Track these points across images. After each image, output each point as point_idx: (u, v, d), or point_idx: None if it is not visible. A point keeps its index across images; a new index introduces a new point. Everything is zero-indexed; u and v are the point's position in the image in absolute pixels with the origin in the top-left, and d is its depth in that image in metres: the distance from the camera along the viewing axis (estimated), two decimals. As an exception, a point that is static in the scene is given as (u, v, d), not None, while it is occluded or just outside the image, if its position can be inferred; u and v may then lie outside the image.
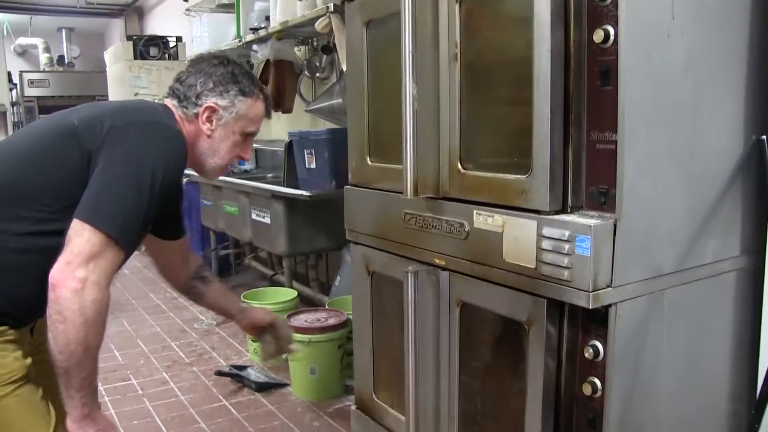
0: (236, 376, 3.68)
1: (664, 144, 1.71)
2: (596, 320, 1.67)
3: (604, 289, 1.61)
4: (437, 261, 2.05)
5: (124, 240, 1.46)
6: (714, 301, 1.97)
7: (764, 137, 1.97)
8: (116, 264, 1.45)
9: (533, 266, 1.72)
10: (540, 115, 1.66)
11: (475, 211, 1.88)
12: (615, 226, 1.61)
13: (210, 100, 1.70)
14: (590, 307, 1.61)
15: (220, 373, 3.75)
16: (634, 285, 1.69)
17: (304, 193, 3.73)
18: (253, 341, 3.75)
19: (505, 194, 1.80)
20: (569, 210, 1.70)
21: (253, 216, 4.33)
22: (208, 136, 1.74)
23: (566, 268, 1.63)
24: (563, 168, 1.70)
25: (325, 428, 3.24)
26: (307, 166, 3.93)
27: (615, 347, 1.64)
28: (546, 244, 1.68)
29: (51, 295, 1.38)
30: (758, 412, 1.84)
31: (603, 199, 1.65)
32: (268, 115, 1.84)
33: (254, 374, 3.65)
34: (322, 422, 3.29)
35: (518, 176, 1.76)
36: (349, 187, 2.46)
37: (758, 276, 2.07)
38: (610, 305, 1.64)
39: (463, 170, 1.93)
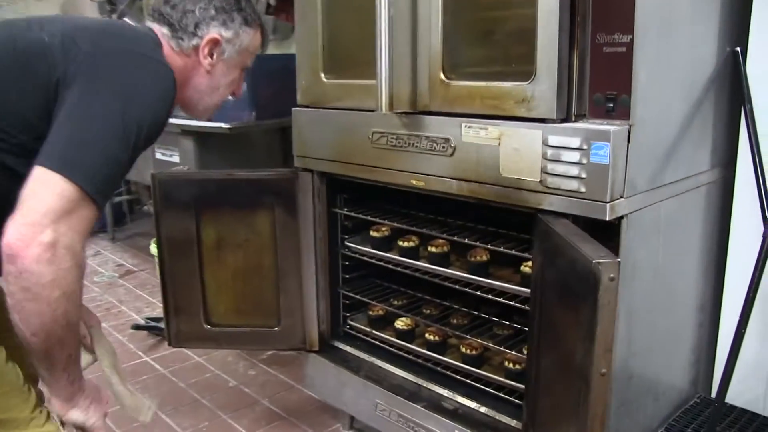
0: (155, 328, 3.39)
1: (669, 50, 1.62)
2: (602, 234, 1.57)
3: (617, 200, 1.51)
4: (414, 182, 1.88)
5: (102, 198, 1.15)
6: (694, 214, 1.94)
7: (738, 48, 1.93)
8: (90, 225, 1.15)
9: (537, 179, 1.59)
10: (547, 14, 1.52)
11: (463, 125, 1.73)
12: (629, 133, 1.50)
13: (212, 31, 1.43)
14: (607, 219, 1.51)
15: (137, 327, 3.45)
16: (641, 196, 1.60)
17: (223, 125, 3.41)
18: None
19: (501, 104, 1.65)
20: (573, 119, 1.58)
21: (158, 155, 3.96)
22: (208, 72, 1.47)
23: (579, 178, 1.52)
24: (568, 73, 1.56)
25: (263, 376, 3.04)
26: (221, 97, 3.60)
27: (624, 261, 1.55)
28: (553, 154, 1.56)
29: (10, 267, 1.07)
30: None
31: (611, 105, 1.53)
32: (264, 46, 1.59)
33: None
34: (258, 370, 3.10)
35: (518, 83, 1.61)
36: (298, 108, 2.23)
37: (728, 189, 2.06)
38: (621, 217, 1.54)
39: (447, 80, 1.76)
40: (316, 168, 2.23)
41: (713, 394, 2.17)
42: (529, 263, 1.83)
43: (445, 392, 2.06)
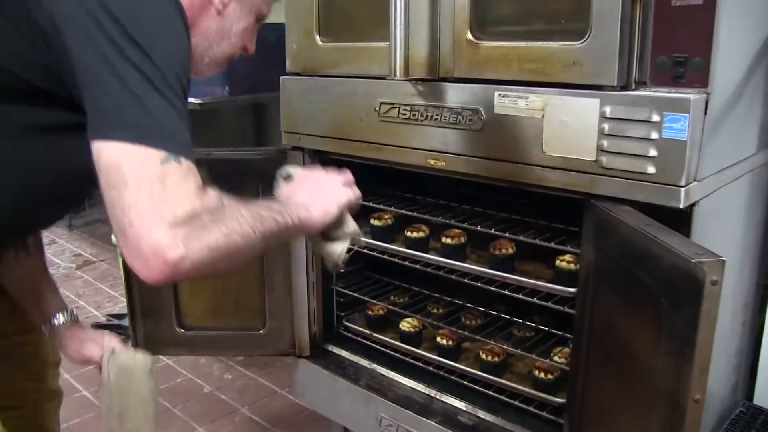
0: (118, 327, 3.07)
1: (746, 5, 1.37)
2: (668, 225, 1.31)
3: (692, 183, 1.25)
4: (432, 162, 1.60)
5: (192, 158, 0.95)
6: (743, 202, 1.69)
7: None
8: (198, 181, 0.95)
9: (592, 158, 1.32)
10: (608, -45, 1.24)
11: (497, 93, 1.44)
12: (706, 103, 1.24)
13: None
14: (681, 206, 1.24)
15: (98, 326, 3.10)
16: (712, 178, 1.35)
17: (193, 101, 3.09)
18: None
19: (546, 68, 1.37)
20: (633, 86, 1.31)
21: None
22: (218, 13, 1.20)
23: (647, 158, 1.25)
24: (629, 30, 1.29)
25: (242, 380, 2.75)
26: (191, 71, 3.27)
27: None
28: (614, 129, 1.28)
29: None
30: None
31: (680, 70, 1.26)
32: None
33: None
34: (236, 373, 2.80)
35: (567, 43, 1.33)
36: (288, 77, 1.92)
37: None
38: (693, 204, 1.28)
39: (475, 40, 1.47)
40: (308, 146, 1.93)
41: (755, 401, 1.94)
42: (567, 257, 1.57)
43: (462, 405, 1.79)
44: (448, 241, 1.80)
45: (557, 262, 1.58)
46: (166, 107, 0.91)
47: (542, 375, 1.68)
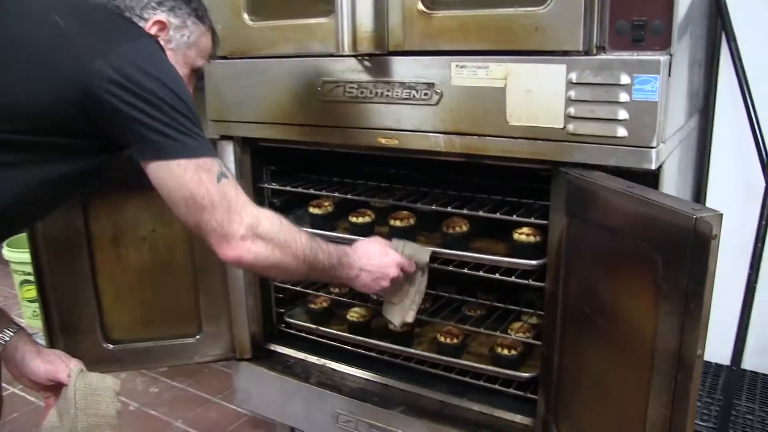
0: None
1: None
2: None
3: (660, 144, 1.25)
4: (384, 141, 1.53)
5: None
6: (687, 163, 1.74)
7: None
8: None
9: (560, 125, 1.30)
10: None
11: (454, 64, 1.39)
12: (670, 65, 1.24)
13: (159, 15, 1.27)
14: (654, 167, 1.24)
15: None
16: (671, 140, 1.36)
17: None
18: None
19: (506, 36, 1.34)
20: (595, 51, 1.29)
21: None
22: None
23: (619, 121, 1.24)
24: (590, -7, 1.28)
25: (169, 392, 2.58)
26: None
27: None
28: (582, 94, 1.27)
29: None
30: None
31: (640, 33, 1.26)
32: (214, 53, 1.44)
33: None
34: (162, 385, 2.63)
35: (529, 9, 1.30)
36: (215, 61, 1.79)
37: (703, 138, 1.90)
38: (660, 166, 1.28)
39: (427, 11, 1.42)
40: (239, 134, 1.81)
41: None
42: (525, 230, 1.54)
43: (423, 391, 1.74)
44: (397, 223, 1.74)
45: (516, 236, 1.55)
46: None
47: (505, 351, 1.65)
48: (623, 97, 1.22)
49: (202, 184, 1.12)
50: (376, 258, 1.46)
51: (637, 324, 1.13)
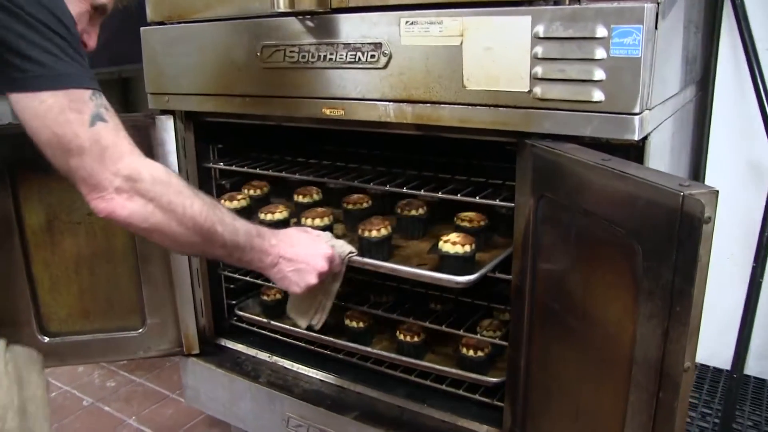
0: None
1: None
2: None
3: (645, 112, 1.05)
4: (328, 112, 1.33)
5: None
6: (680, 139, 1.53)
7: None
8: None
9: (525, 89, 1.09)
10: None
11: (403, 20, 1.19)
12: (657, 15, 1.03)
13: None
14: (636, 139, 1.04)
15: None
16: (659, 109, 1.15)
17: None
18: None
19: (462, -17, 1.13)
20: (567, 1, 1.08)
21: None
22: None
23: (594, 82, 1.03)
24: (557, -70, 1.07)
25: (127, 387, 2.40)
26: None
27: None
28: (550, 51, 1.06)
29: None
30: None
31: (619, -23, 1.05)
32: None
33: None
34: (120, 380, 2.45)
35: (487, -52, 1.09)
36: (150, 27, 1.59)
37: (703, 110, 1.69)
38: (645, 137, 1.08)
39: (373, -42, 1.21)
40: (179, 107, 1.62)
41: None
42: (453, 237, 1.32)
43: (379, 395, 1.55)
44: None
45: (441, 245, 1.32)
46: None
47: (471, 353, 1.46)
48: (599, 53, 1.02)
49: (69, 125, 0.94)
50: (303, 246, 1.23)
51: (613, 327, 0.94)
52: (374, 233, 1.38)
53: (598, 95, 1.03)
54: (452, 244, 1.29)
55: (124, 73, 2.97)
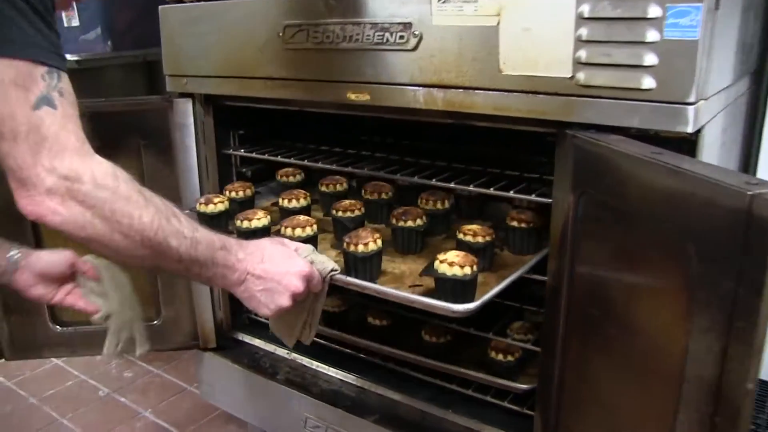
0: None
1: None
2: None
3: (701, 102, 0.94)
4: (354, 97, 1.24)
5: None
6: (733, 134, 1.42)
7: None
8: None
9: (568, 74, 1.00)
10: None
11: (435, -2, 1.10)
12: (717, -5, 0.93)
13: None
14: (690, 131, 0.94)
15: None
16: (715, 99, 1.05)
17: (69, 57, 2.62)
18: None
19: (501, -42, 1.03)
20: (614, -23, 0.98)
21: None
22: None
23: (645, 68, 0.94)
24: None
25: (144, 377, 2.35)
26: (66, 23, 2.80)
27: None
28: (596, 33, 0.96)
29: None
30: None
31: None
32: None
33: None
34: (137, 370, 2.40)
35: None
36: (168, 6, 1.52)
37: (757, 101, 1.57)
38: (699, 130, 0.98)
39: (404, -70, 1.12)
40: (199, 90, 1.55)
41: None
42: (451, 256, 1.18)
43: (401, 397, 1.47)
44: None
45: (438, 264, 1.16)
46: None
47: (500, 357, 1.37)
48: (651, 35, 0.92)
49: (7, 102, 0.80)
50: (275, 262, 1.06)
51: (660, 339, 0.84)
52: (360, 248, 1.21)
53: (648, 82, 0.94)
54: (449, 264, 1.12)
55: (149, 57, 2.91)
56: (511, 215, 1.33)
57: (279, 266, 1.06)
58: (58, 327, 1.73)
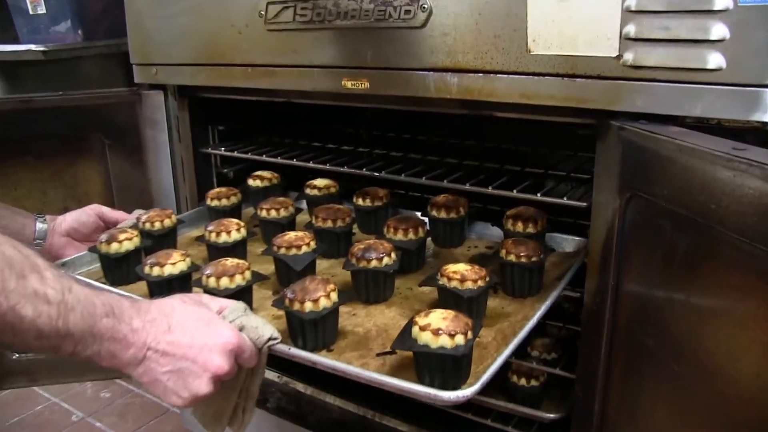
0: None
1: None
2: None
3: (773, 82, 0.77)
4: (350, 85, 1.06)
5: None
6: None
7: None
8: None
9: (613, 53, 0.82)
10: None
11: (448, -35, 0.91)
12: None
13: None
14: (766, 120, 0.76)
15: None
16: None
17: (34, 47, 2.42)
18: None
19: None
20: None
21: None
22: None
23: (711, 43, 0.76)
24: None
25: (123, 398, 2.19)
26: (31, 11, 2.59)
27: None
28: (651, 1, 0.78)
29: None
30: None
31: None
32: None
33: None
34: (115, 390, 2.23)
35: None
36: (133, -17, 1.33)
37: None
38: (773, 118, 0.80)
39: None
40: (171, 81, 1.36)
41: None
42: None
43: (410, 429, 1.29)
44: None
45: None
46: None
47: (522, 381, 1.19)
48: (720, 1, 0.74)
49: None
50: (187, 332, 0.79)
51: (746, 381, 0.67)
52: (309, 306, 0.91)
53: (715, 60, 0.76)
54: (433, 333, 0.81)
55: (124, 47, 2.71)
56: (506, 246, 1.07)
57: (193, 338, 0.79)
58: (15, 354, 1.55)
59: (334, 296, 0.94)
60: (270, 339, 0.88)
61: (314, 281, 0.95)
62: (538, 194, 1.05)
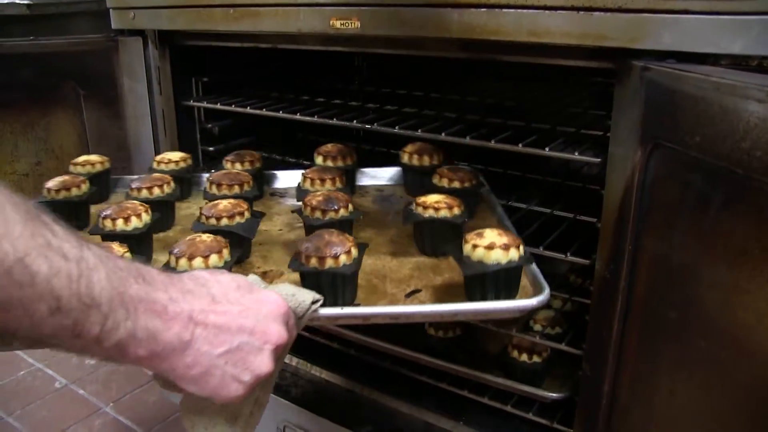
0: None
1: None
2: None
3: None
4: (339, 25, 0.95)
5: None
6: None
7: None
8: None
9: (639, -20, 0.71)
10: None
11: None
12: None
13: None
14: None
15: None
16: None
17: (18, 1, 2.30)
18: None
19: None
20: None
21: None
22: None
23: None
24: None
25: (108, 366, 2.09)
26: (14, -39, 2.47)
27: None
28: None
29: None
30: None
31: None
32: None
33: None
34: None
35: None
36: None
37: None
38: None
39: None
40: (150, 26, 1.25)
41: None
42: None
43: (400, 405, 1.20)
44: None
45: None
46: None
47: (524, 357, 1.09)
48: None
49: None
50: (236, 299, 0.66)
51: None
52: (343, 258, 0.81)
53: (761, -15, 0.64)
54: (486, 248, 0.80)
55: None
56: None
57: (244, 306, 0.65)
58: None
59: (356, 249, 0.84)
60: (314, 302, 0.76)
61: (331, 234, 0.84)
62: (546, 149, 0.94)
